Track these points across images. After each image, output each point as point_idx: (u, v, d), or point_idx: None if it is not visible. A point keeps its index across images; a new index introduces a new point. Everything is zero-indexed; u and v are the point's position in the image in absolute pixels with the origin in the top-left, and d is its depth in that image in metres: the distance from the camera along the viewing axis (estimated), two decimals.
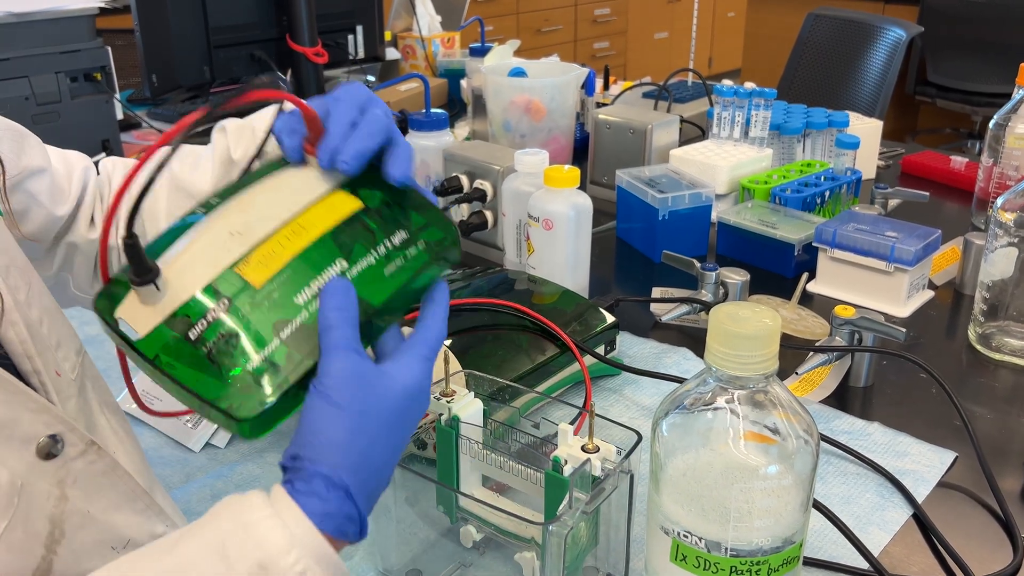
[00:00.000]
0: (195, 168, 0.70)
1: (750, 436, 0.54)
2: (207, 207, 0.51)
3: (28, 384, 0.49)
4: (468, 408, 0.66)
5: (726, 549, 0.54)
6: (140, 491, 0.53)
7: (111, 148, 1.54)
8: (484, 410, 0.68)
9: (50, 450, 0.47)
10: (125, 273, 0.46)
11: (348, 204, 0.51)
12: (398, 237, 0.52)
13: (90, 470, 0.50)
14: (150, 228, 0.70)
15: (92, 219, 0.72)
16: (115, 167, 0.75)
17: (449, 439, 0.65)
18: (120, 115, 1.57)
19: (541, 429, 0.67)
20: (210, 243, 0.48)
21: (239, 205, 0.51)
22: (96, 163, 0.75)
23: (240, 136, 0.70)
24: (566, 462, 0.59)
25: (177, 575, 0.42)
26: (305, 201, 0.51)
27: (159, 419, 0.84)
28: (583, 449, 0.60)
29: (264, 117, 0.69)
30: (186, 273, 0.46)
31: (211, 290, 0.46)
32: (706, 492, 0.54)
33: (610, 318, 0.92)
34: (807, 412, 0.55)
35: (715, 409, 0.55)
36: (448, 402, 0.66)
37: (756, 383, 0.54)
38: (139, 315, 0.45)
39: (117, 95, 1.54)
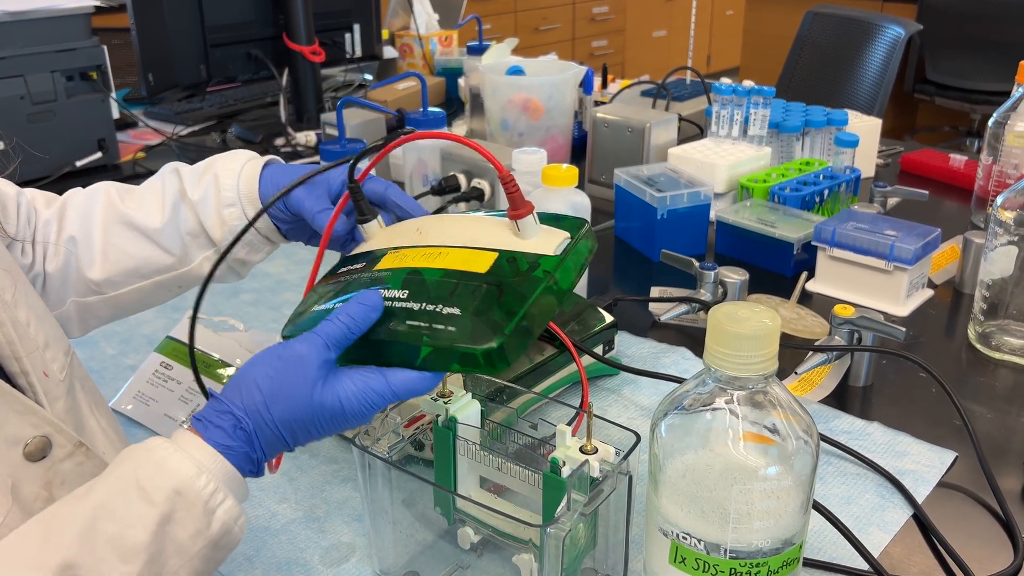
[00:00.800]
0: (142, 206, 0.72)
1: (749, 437, 0.54)
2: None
3: (16, 385, 0.48)
4: (465, 409, 0.66)
5: (725, 551, 0.54)
6: None
7: (107, 147, 1.53)
8: (481, 411, 0.68)
9: (37, 451, 0.47)
10: None
11: (483, 263, 0.59)
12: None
13: (78, 471, 0.49)
14: (83, 254, 0.71)
15: (23, 246, 0.71)
16: (35, 197, 0.75)
17: (446, 440, 0.65)
18: (116, 114, 1.57)
19: (539, 430, 0.67)
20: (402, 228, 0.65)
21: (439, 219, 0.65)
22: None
23: (199, 178, 0.72)
24: (564, 463, 0.59)
25: (101, 512, 0.45)
26: (475, 241, 0.61)
27: (152, 420, 0.84)
28: (581, 450, 0.60)
29: (228, 165, 0.72)
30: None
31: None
32: (705, 493, 0.54)
33: (608, 318, 0.92)
34: (807, 412, 0.55)
35: (714, 410, 0.54)
36: (445, 403, 0.66)
37: (755, 383, 0.53)
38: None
39: (113, 94, 1.54)
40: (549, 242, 0.60)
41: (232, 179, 0.70)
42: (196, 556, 0.48)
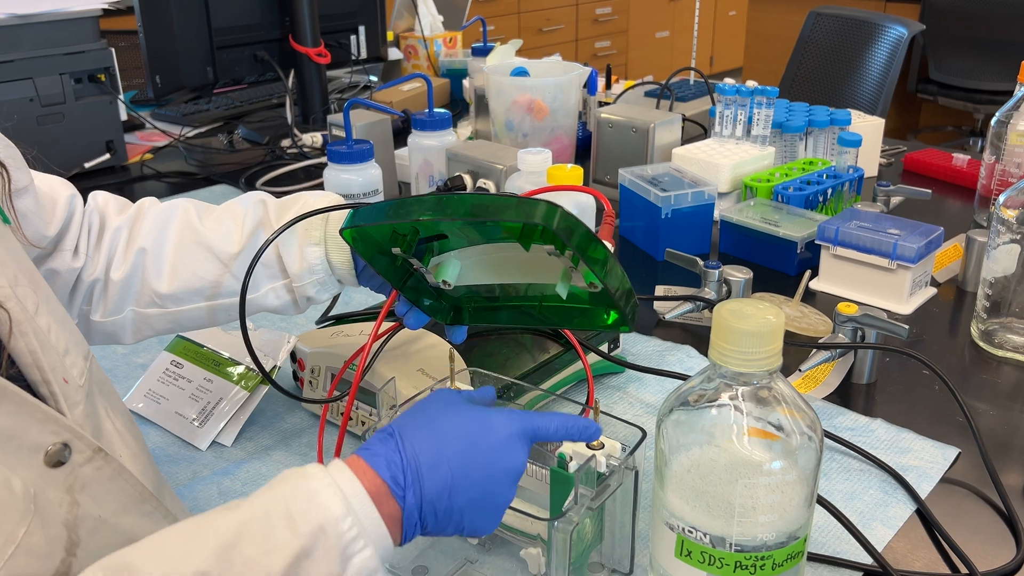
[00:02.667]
0: (219, 228, 0.73)
1: (754, 432, 0.54)
2: None
3: (37, 393, 0.49)
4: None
5: (730, 544, 0.55)
6: (147, 494, 0.54)
7: (115, 149, 1.55)
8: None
9: (58, 458, 0.48)
10: None
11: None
12: None
13: (98, 476, 0.50)
14: (152, 266, 0.72)
15: (76, 248, 0.72)
16: (107, 202, 0.75)
17: None
18: (124, 116, 1.58)
19: None
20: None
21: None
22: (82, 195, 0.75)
23: (286, 211, 0.73)
24: (571, 459, 0.59)
25: (245, 531, 0.46)
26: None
27: (163, 418, 0.85)
28: (588, 446, 0.60)
29: (318, 204, 0.73)
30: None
31: None
32: (710, 488, 0.54)
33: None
34: (811, 408, 0.56)
35: (719, 406, 0.55)
36: None
37: (760, 379, 0.54)
38: None
39: (121, 96, 1.55)
40: None
41: (320, 219, 0.72)
42: None
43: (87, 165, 1.51)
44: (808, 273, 1.06)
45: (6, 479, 0.44)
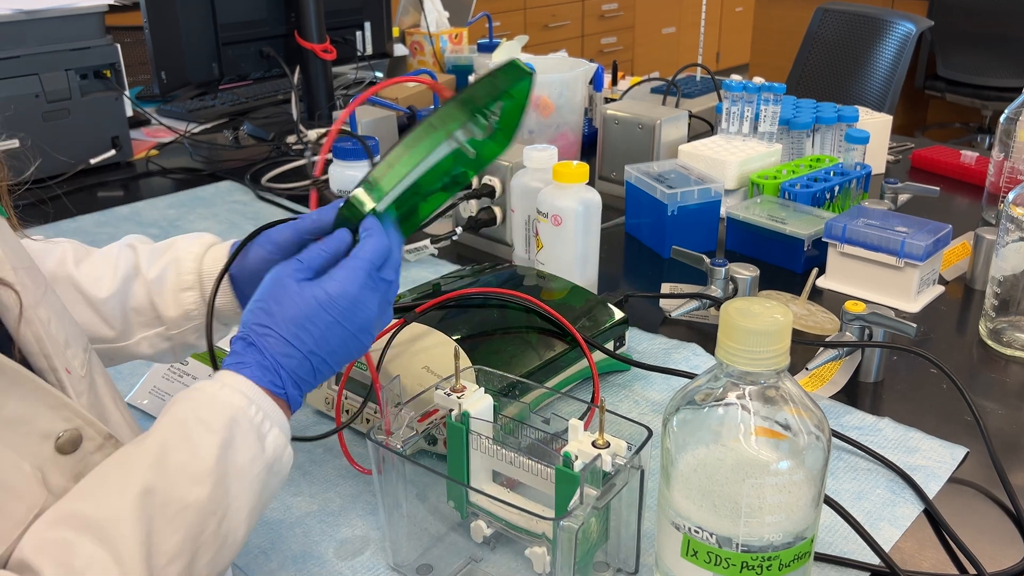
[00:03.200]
0: (92, 272, 0.70)
1: (761, 432, 0.54)
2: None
3: (46, 381, 0.49)
4: (478, 404, 0.67)
5: (737, 544, 0.54)
6: None
7: (121, 145, 1.54)
8: (494, 406, 0.68)
9: (69, 445, 0.48)
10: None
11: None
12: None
13: None
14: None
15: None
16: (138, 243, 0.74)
17: (459, 435, 0.66)
18: (130, 112, 1.58)
19: (551, 425, 0.68)
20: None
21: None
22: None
23: (157, 258, 0.70)
24: (576, 457, 0.59)
25: (168, 445, 0.49)
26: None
27: None
28: (593, 444, 0.60)
29: (191, 248, 0.70)
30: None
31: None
32: (717, 488, 0.54)
33: (619, 314, 0.92)
34: (818, 407, 0.55)
35: (726, 405, 0.54)
36: (458, 398, 0.66)
37: (767, 379, 0.54)
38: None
39: (126, 92, 1.55)
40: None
41: (193, 263, 0.69)
42: (255, 479, 0.52)
43: (92, 161, 1.51)
44: (815, 271, 1.06)
45: (16, 464, 0.44)
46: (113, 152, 1.54)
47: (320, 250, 0.58)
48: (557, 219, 1.01)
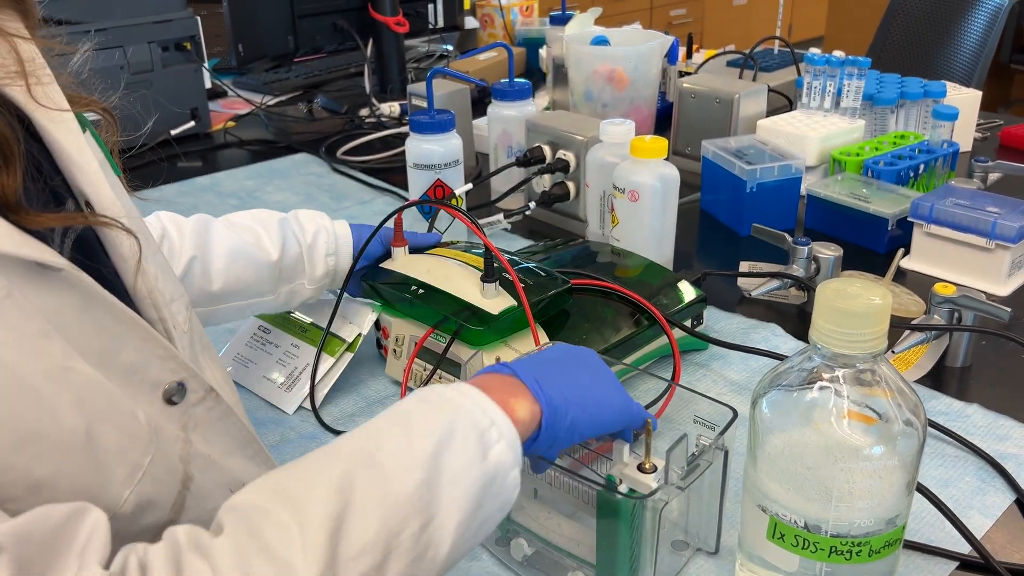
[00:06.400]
0: (252, 237, 0.83)
1: (854, 416, 0.53)
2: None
3: (156, 330, 0.51)
4: None
5: (826, 530, 0.53)
6: (251, 437, 0.56)
7: (200, 116, 1.57)
8: None
9: (174, 396, 0.49)
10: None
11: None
12: None
13: (208, 416, 0.52)
14: (201, 269, 0.80)
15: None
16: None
17: None
18: (208, 84, 1.61)
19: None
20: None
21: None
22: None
23: (303, 225, 0.86)
24: (620, 481, 0.56)
25: (386, 433, 0.49)
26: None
27: (251, 381, 0.87)
28: (640, 468, 0.57)
29: (321, 221, 0.87)
30: None
31: None
32: (807, 471, 0.53)
33: (697, 292, 0.91)
34: (914, 392, 0.54)
35: (819, 387, 0.53)
36: None
37: (862, 362, 0.52)
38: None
39: (206, 64, 1.58)
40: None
41: (331, 234, 0.86)
42: (469, 488, 0.48)
43: (173, 132, 1.54)
44: (900, 251, 1.03)
45: (132, 411, 0.46)
46: (192, 123, 1.57)
47: None
48: (634, 195, 1.00)
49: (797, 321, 0.97)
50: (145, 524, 0.47)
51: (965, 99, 1.40)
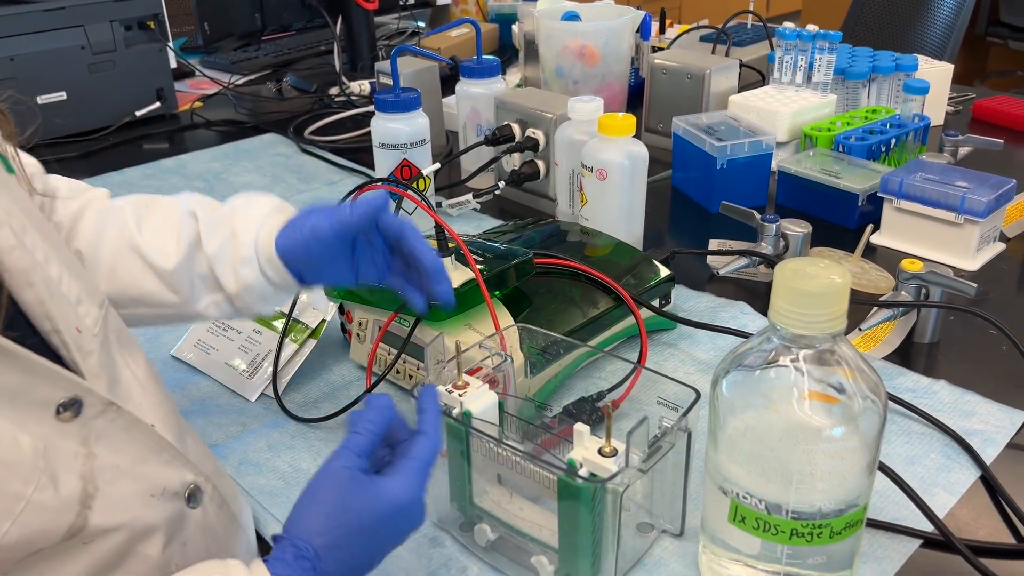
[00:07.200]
0: (157, 240, 0.68)
1: (814, 396, 0.52)
2: None
3: (49, 343, 0.49)
4: (481, 401, 0.62)
5: (787, 511, 0.53)
6: (164, 443, 0.53)
7: (165, 97, 1.55)
8: (499, 402, 0.64)
9: (68, 412, 0.48)
10: None
11: None
12: None
13: (111, 427, 0.50)
14: (88, 269, 0.68)
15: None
16: (57, 188, 0.72)
17: (459, 436, 0.61)
18: (174, 64, 1.58)
19: (559, 423, 0.65)
20: None
21: None
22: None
23: (215, 230, 0.68)
24: (581, 465, 0.55)
25: None
26: None
27: (212, 368, 0.85)
28: (600, 452, 0.55)
29: (248, 220, 0.67)
30: None
31: None
32: (767, 453, 0.53)
33: (665, 271, 0.90)
34: (874, 371, 0.53)
35: (779, 367, 0.53)
36: (460, 395, 0.62)
37: (822, 342, 0.52)
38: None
39: (170, 43, 1.54)
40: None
41: (251, 234, 0.67)
42: None
43: (138, 113, 1.51)
44: (870, 227, 1.02)
45: (13, 437, 0.44)
46: (158, 104, 1.54)
47: (370, 432, 0.55)
48: (602, 173, 0.98)
49: (766, 299, 0.96)
50: (34, 551, 0.45)
51: (937, 73, 1.40)
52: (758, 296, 0.97)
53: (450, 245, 0.76)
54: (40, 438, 0.46)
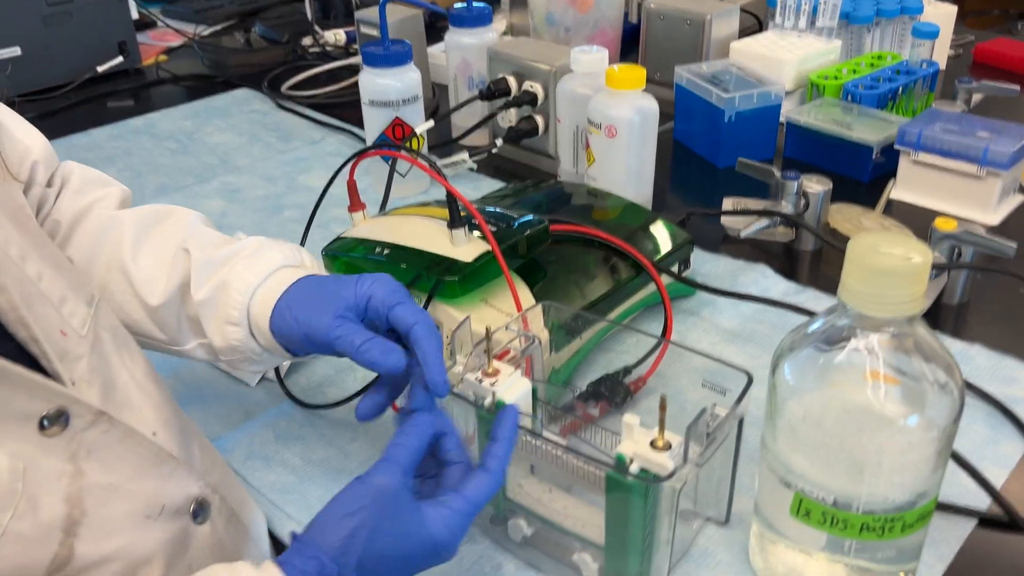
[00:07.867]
0: (147, 271, 0.61)
1: (888, 382, 0.48)
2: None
3: (28, 352, 0.43)
4: (514, 390, 0.57)
5: (857, 506, 0.49)
6: (164, 455, 0.48)
7: (128, 50, 1.45)
8: (533, 389, 0.59)
9: (53, 425, 0.42)
10: None
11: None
12: None
13: (104, 440, 0.44)
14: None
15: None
16: (70, 176, 0.65)
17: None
18: (135, 15, 1.47)
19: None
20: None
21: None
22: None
23: (207, 278, 0.60)
24: (631, 461, 0.51)
25: None
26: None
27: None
28: (652, 445, 0.51)
29: (245, 276, 0.59)
30: None
31: None
32: (836, 443, 0.49)
33: (683, 234, 0.86)
34: (949, 354, 0.49)
35: (849, 351, 0.48)
36: (491, 384, 0.57)
37: (899, 325, 0.47)
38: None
39: None
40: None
41: (243, 296, 0.59)
42: None
43: (100, 69, 1.42)
44: (891, 182, 0.98)
45: None
46: (120, 59, 1.44)
47: (415, 450, 0.50)
48: (611, 130, 0.93)
49: (785, 260, 0.92)
50: None
51: (941, 15, 1.35)
52: (776, 256, 0.92)
53: (462, 214, 0.71)
54: (19, 457, 0.40)
